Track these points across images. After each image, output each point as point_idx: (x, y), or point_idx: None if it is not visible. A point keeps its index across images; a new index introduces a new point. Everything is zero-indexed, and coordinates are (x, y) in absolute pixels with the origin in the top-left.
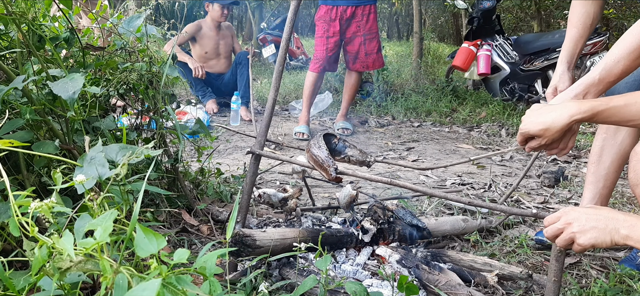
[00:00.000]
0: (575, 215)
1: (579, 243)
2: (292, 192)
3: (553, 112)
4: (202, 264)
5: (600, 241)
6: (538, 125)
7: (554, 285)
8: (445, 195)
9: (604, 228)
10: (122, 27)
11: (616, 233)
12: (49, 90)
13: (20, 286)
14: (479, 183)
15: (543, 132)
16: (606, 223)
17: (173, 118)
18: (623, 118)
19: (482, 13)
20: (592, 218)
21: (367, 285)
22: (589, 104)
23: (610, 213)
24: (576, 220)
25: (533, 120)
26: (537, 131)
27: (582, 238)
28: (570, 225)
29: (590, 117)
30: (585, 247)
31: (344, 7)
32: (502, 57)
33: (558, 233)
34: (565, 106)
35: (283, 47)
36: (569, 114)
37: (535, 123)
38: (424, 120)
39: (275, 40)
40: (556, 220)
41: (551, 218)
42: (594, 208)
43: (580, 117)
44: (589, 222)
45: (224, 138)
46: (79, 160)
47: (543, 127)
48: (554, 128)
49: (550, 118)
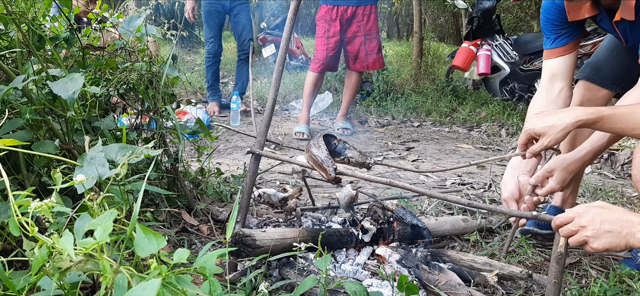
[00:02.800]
0: (589, 217)
1: (593, 247)
2: (292, 191)
3: (559, 113)
4: (202, 264)
5: (615, 245)
6: (543, 122)
7: (554, 287)
8: (445, 196)
9: (619, 232)
10: (122, 27)
11: (632, 238)
12: (49, 90)
13: (20, 286)
14: (479, 183)
15: (547, 129)
16: (622, 226)
17: (173, 118)
18: (628, 126)
19: (482, 13)
20: (607, 221)
21: (367, 284)
22: (595, 109)
23: (625, 215)
24: (591, 223)
25: (538, 119)
26: (542, 128)
27: (595, 242)
28: (585, 229)
29: (595, 121)
30: (599, 251)
31: (345, 7)
32: (502, 57)
33: (571, 234)
34: (572, 109)
35: (283, 47)
36: (575, 115)
37: (541, 121)
38: (424, 120)
39: (275, 40)
40: (569, 220)
41: (564, 218)
42: (608, 209)
43: (585, 119)
44: (603, 225)
45: (224, 138)
46: (79, 160)
47: (548, 124)
48: (558, 126)
49: (557, 117)
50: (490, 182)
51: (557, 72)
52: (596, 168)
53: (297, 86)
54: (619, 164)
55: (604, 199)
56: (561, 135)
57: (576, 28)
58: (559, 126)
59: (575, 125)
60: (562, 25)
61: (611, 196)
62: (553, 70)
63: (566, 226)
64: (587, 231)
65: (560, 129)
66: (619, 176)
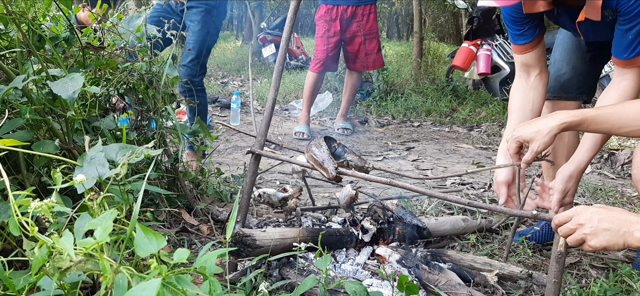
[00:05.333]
0: (587, 215)
1: (590, 245)
2: (292, 191)
3: (544, 118)
4: (202, 264)
5: (613, 244)
6: (530, 129)
7: (554, 286)
8: (445, 195)
9: (617, 231)
10: (122, 27)
11: (630, 236)
12: (49, 89)
13: (20, 286)
14: (479, 183)
15: (535, 135)
16: (619, 225)
17: (173, 118)
18: (614, 125)
19: (482, 13)
20: (604, 220)
21: (367, 284)
22: (578, 111)
23: (623, 214)
24: (588, 221)
25: (525, 126)
26: (530, 134)
27: (593, 240)
28: (583, 227)
29: (580, 122)
30: (596, 249)
31: (345, 7)
32: (502, 57)
33: (570, 233)
34: (556, 113)
35: (283, 47)
36: (559, 118)
37: (528, 128)
38: (424, 120)
39: (275, 40)
40: (568, 219)
41: (563, 218)
42: (607, 209)
43: (570, 121)
44: (601, 223)
45: (224, 138)
46: (79, 159)
47: (535, 130)
48: (545, 130)
49: (542, 123)
50: (490, 182)
51: (530, 62)
52: (596, 168)
53: (297, 86)
54: (619, 164)
55: (604, 199)
56: (548, 138)
57: (537, 23)
58: (545, 130)
59: (560, 127)
60: (522, 19)
61: (611, 196)
62: (525, 61)
63: (565, 225)
64: (585, 229)
65: (546, 133)
66: (619, 176)
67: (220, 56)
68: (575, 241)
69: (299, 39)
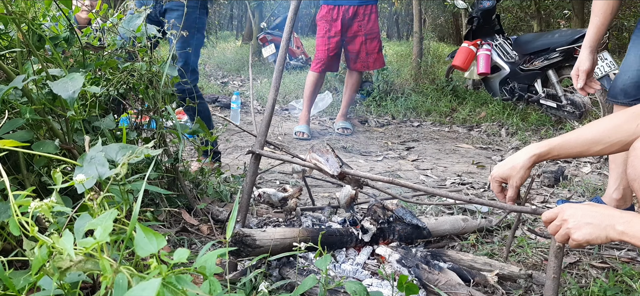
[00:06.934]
0: (571, 211)
1: (573, 238)
2: (292, 191)
3: (516, 155)
4: (202, 264)
5: (595, 236)
6: (505, 166)
7: (553, 282)
8: (447, 193)
9: (598, 224)
10: (122, 27)
11: (612, 230)
12: (49, 89)
13: (20, 286)
14: (479, 182)
15: (510, 171)
16: (601, 219)
17: (173, 118)
18: (583, 147)
19: (482, 13)
20: (587, 214)
21: (367, 284)
22: (546, 142)
23: (606, 210)
24: (572, 216)
25: (499, 166)
26: (506, 171)
27: (576, 233)
28: (566, 222)
29: (548, 152)
30: (580, 243)
31: (346, 7)
32: (502, 57)
33: (557, 230)
34: (526, 148)
35: (283, 47)
36: (529, 152)
37: (503, 165)
38: (424, 119)
39: (275, 40)
40: (554, 216)
41: (550, 215)
42: (591, 205)
43: (538, 152)
44: (584, 218)
45: (224, 137)
46: (79, 159)
47: (510, 165)
48: (518, 165)
49: (514, 158)
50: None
51: None
52: (596, 168)
53: (297, 86)
54: None
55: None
56: (523, 172)
57: None
58: (518, 165)
59: (531, 160)
60: None
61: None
62: None
63: (552, 223)
64: (568, 224)
65: (520, 167)
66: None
67: (220, 56)
68: (562, 237)
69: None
